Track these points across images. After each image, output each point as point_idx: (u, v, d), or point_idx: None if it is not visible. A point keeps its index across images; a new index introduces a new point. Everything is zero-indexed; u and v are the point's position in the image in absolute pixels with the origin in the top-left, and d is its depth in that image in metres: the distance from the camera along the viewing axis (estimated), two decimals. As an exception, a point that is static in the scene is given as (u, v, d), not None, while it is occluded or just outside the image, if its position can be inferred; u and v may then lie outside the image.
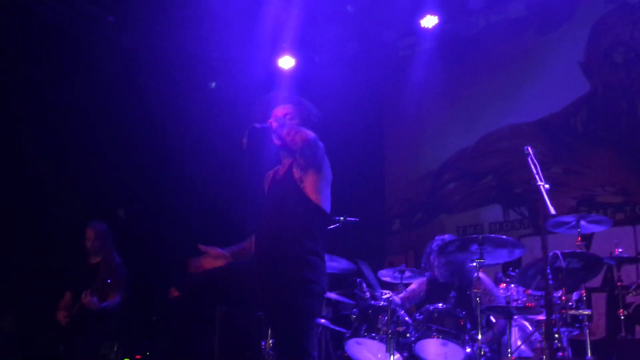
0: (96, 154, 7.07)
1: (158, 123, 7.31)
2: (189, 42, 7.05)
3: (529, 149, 3.87)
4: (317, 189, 3.16)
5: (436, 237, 4.91)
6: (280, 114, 3.33)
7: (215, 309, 4.55)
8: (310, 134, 3.17)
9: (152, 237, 7.19)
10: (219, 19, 6.71)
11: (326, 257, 3.23)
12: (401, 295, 4.93)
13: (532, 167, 3.76)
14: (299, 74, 7.65)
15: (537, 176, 3.68)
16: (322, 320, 4.74)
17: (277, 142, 3.24)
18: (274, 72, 7.62)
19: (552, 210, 3.38)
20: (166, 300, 3.21)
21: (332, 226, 4.56)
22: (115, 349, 5.65)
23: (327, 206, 3.19)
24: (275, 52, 7.45)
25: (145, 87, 7.14)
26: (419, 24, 7.02)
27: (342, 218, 4.73)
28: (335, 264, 4.73)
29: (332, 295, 4.87)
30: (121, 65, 7.10)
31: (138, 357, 5.98)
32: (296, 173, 3.18)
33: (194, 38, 7.01)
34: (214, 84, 7.54)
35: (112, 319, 4.90)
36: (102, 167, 7.06)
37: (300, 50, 7.60)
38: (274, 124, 3.22)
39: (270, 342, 4.37)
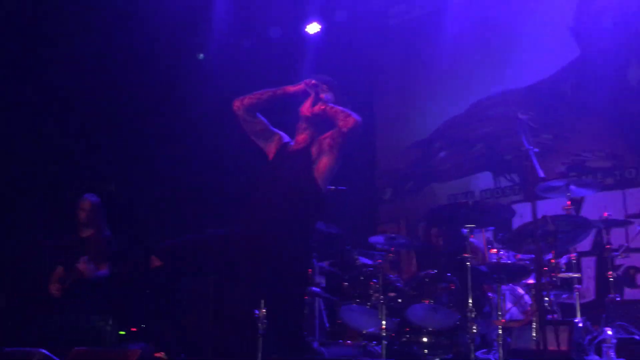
0: (86, 128, 7.01)
1: (151, 96, 7.25)
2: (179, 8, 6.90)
3: (520, 114, 3.88)
4: (327, 171, 3.26)
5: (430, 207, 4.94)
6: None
7: (206, 280, 4.57)
8: (357, 116, 3.31)
9: (143, 211, 7.18)
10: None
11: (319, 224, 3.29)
12: (394, 266, 4.98)
13: (522, 132, 3.77)
14: (288, 42, 7.58)
15: (525, 141, 3.70)
16: (316, 289, 4.78)
17: (308, 112, 3.31)
18: (262, 43, 7.55)
19: (541, 173, 3.40)
20: (150, 271, 3.22)
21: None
22: (110, 322, 5.67)
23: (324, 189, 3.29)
24: (263, 20, 7.38)
25: (141, 57, 7.05)
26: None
27: (332, 187, 4.73)
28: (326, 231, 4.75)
29: (323, 264, 4.91)
30: (117, 32, 6.97)
31: (133, 329, 6.00)
32: (315, 151, 3.25)
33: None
34: (202, 56, 7.45)
35: (104, 290, 4.92)
36: (92, 141, 7.01)
37: (290, 18, 7.53)
38: (323, 96, 3.31)
39: (264, 311, 4.40)
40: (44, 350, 3.26)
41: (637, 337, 4.22)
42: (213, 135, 7.10)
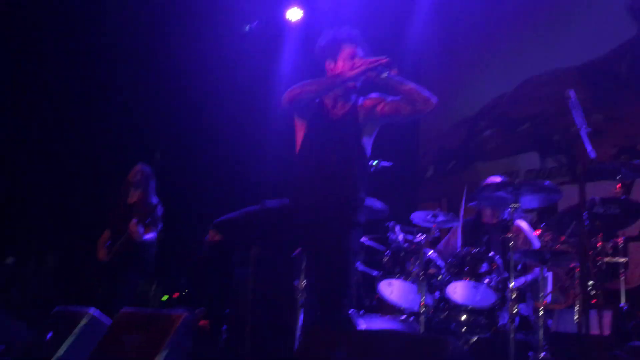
0: (132, 101, 7.16)
1: (194, 68, 7.33)
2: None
3: (571, 93, 3.77)
4: (370, 137, 3.16)
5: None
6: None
7: (250, 250, 4.64)
8: (432, 96, 3.13)
9: (188, 180, 7.32)
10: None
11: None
12: (439, 247, 4.95)
13: (573, 111, 3.67)
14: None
15: (577, 119, 3.60)
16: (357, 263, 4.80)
17: (354, 78, 3.04)
18: (280, 25, 7.48)
19: (593, 154, 3.32)
20: (203, 242, 3.26)
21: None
22: (154, 287, 5.84)
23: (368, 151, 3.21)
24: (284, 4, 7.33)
25: (188, 30, 7.12)
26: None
27: (376, 162, 4.71)
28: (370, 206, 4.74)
29: (364, 239, 4.92)
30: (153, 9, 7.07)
31: (176, 294, 6.18)
32: (361, 116, 3.10)
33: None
34: (248, 27, 7.46)
35: (150, 255, 5.06)
36: (139, 113, 7.16)
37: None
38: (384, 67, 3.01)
39: (304, 282, 4.45)
40: (93, 310, 3.38)
41: (682, 324, 4.12)
42: (257, 106, 7.15)
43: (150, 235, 5.00)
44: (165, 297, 6.11)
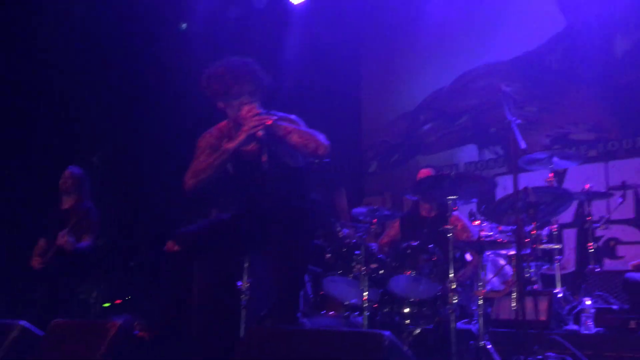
0: (68, 102, 6.91)
1: (134, 68, 7.14)
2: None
3: (503, 86, 3.87)
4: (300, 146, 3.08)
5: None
6: (253, 112, 2.98)
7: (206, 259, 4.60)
8: (325, 140, 3.03)
9: (128, 184, 7.14)
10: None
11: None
12: (379, 240, 5.00)
13: (505, 104, 3.77)
14: (273, 14, 7.47)
15: (508, 112, 3.70)
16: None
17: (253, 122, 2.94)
18: (247, 12, 7.43)
19: (523, 144, 3.41)
20: (160, 252, 3.22)
21: (309, 168, 4.55)
22: (95, 294, 5.68)
23: (301, 160, 3.21)
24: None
25: (123, 27, 6.92)
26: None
27: (317, 160, 4.70)
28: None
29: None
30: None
31: (118, 301, 6.03)
32: (279, 135, 3.02)
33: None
34: (184, 25, 7.33)
35: (87, 261, 4.91)
36: (74, 115, 6.92)
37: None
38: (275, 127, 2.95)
39: (247, 283, 4.41)
40: (23, 322, 3.25)
41: (615, 307, 4.29)
42: (193, 109, 7.01)
43: (85, 243, 4.83)
44: (107, 304, 5.96)
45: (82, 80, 6.93)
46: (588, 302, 4.09)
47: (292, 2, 7.36)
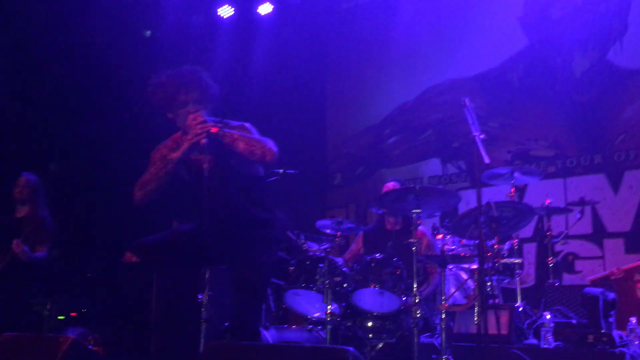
0: (24, 108, 6.72)
1: (94, 74, 6.98)
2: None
3: (467, 100, 3.90)
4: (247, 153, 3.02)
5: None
6: (199, 120, 2.94)
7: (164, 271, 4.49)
8: (273, 146, 2.98)
9: (85, 193, 6.96)
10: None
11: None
12: (344, 256, 4.98)
13: (469, 118, 3.80)
14: (239, 25, 7.44)
15: (472, 127, 3.72)
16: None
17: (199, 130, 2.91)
18: (213, 22, 7.38)
19: (487, 159, 3.44)
20: (119, 263, 3.14)
21: (271, 178, 4.51)
22: (49, 306, 5.49)
23: (260, 170, 3.17)
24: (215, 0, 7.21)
25: (86, 33, 6.77)
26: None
27: (281, 170, 4.67)
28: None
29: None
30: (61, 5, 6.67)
31: (73, 314, 5.84)
32: (226, 144, 2.98)
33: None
34: (149, 32, 7.22)
35: (41, 272, 4.74)
36: (32, 121, 6.73)
37: (240, 0, 7.38)
38: (220, 134, 2.91)
39: (207, 295, 4.33)
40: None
41: (574, 321, 4.35)
42: (154, 117, 6.89)
43: (40, 254, 4.67)
44: (61, 317, 5.76)
45: (40, 86, 6.76)
46: (548, 317, 4.13)
47: (260, 12, 7.35)
